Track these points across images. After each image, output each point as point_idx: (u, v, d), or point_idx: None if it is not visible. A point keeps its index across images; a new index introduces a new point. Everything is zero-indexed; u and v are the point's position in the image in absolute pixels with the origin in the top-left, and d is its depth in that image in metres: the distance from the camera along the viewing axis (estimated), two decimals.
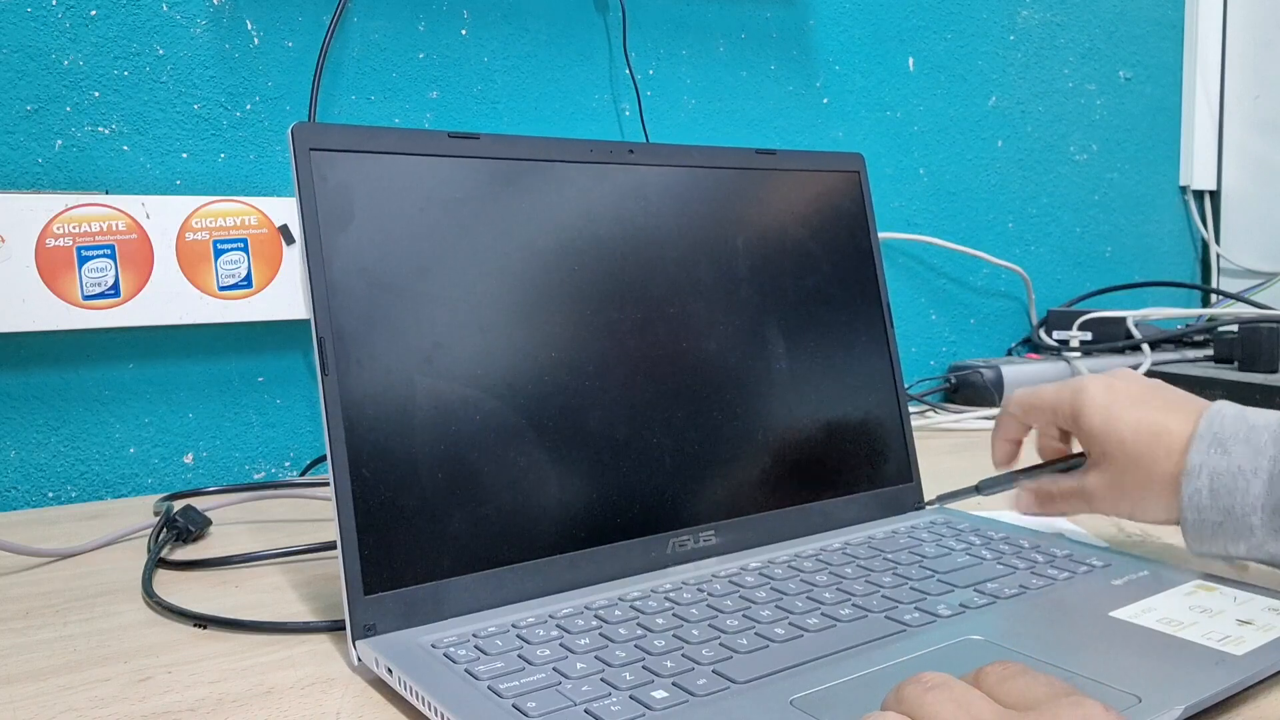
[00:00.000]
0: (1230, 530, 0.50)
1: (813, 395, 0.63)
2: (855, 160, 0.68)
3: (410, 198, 0.51)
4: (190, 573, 0.62)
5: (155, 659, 0.48)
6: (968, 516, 0.64)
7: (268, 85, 0.90)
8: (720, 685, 0.40)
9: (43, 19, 0.81)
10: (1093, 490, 0.56)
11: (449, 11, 0.98)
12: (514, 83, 1.01)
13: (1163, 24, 1.52)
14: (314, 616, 0.53)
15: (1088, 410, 0.55)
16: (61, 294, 0.81)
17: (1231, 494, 0.50)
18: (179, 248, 0.84)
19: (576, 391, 0.54)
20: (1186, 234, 1.58)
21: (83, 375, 0.84)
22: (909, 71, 1.28)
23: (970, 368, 1.18)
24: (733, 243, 0.61)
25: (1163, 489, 0.52)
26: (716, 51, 1.13)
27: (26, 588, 0.60)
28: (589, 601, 0.49)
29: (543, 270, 0.54)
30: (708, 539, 0.56)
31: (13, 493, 0.83)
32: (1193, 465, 0.51)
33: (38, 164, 0.82)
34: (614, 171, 0.57)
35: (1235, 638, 0.44)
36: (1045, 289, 1.42)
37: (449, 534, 0.48)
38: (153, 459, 0.87)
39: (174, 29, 0.86)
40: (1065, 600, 0.49)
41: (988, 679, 0.32)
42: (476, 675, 0.41)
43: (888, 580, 0.52)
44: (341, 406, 0.47)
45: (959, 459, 0.91)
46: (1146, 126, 1.52)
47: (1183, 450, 0.52)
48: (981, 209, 1.36)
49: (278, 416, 0.92)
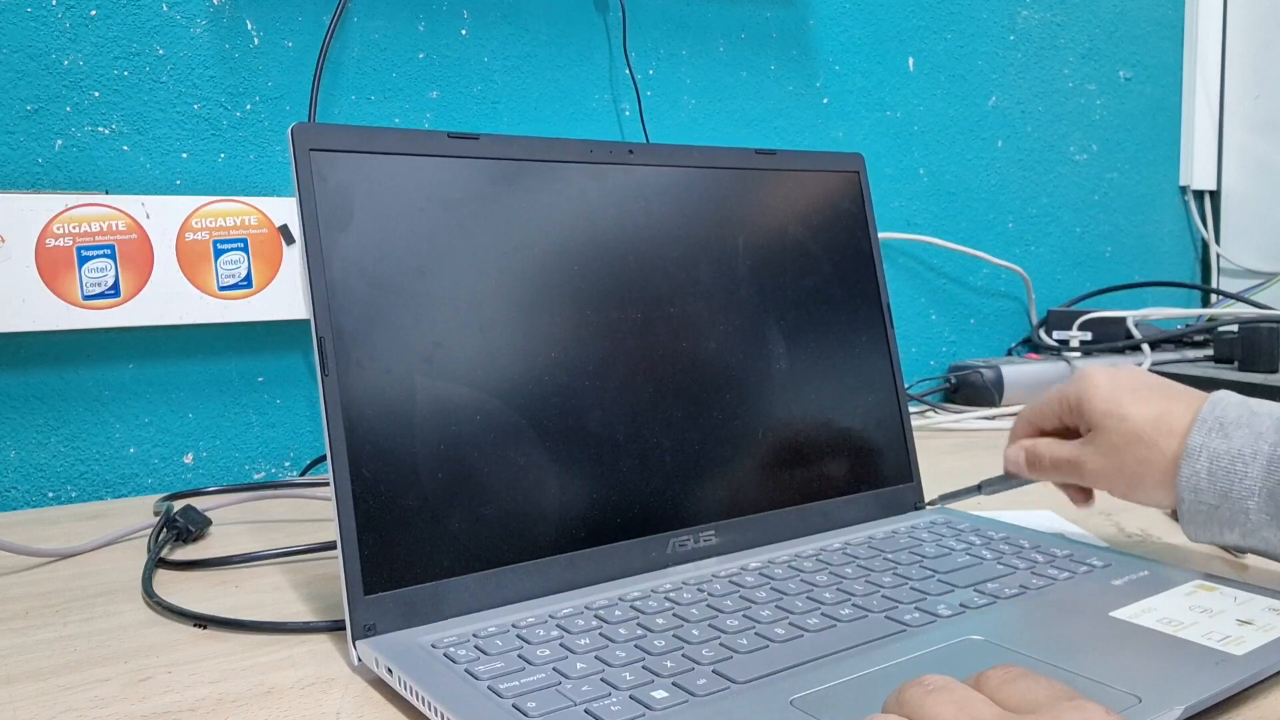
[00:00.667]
0: (1226, 514, 0.50)
1: (813, 395, 0.63)
2: (855, 160, 0.68)
3: (410, 198, 0.51)
4: (190, 573, 0.62)
5: (155, 659, 0.48)
6: (968, 516, 0.64)
7: (268, 85, 0.90)
8: (720, 685, 0.40)
9: (43, 19, 0.81)
10: (1087, 460, 0.55)
11: (449, 11, 0.97)
12: (514, 83, 1.01)
13: (1163, 24, 1.52)
14: (314, 616, 0.53)
15: (1091, 393, 0.55)
16: (61, 294, 0.81)
17: (1229, 477, 0.50)
18: (179, 248, 0.84)
19: (576, 391, 0.54)
20: (1186, 234, 1.58)
21: (83, 375, 0.84)
22: (909, 71, 1.28)
23: (970, 368, 1.18)
24: (733, 243, 0.61)
25: (1161, 471, 0.52)
26: (716, 51, 1.13)
27: (26, 588, 0.60)
28: (589, 601, 0.49)
29: (543, 270, 0.54)
30: (708, 539, 0.56)
31: (13, 493, 0.83)
32: (1193, 447, 0.51)
33: (38, 164, 0.82)
34: (614, 172, 0.57)
35: (1235, 638, 0.44)
36: (1045, 289, 1.42)
37: (449, 534, 0.48)
38: (153, 459, 0.87)
39: (174, 29, 0.86)
40: (1065, 600, 0.49)
41: (989, 682, 0.32)
42: (476, 675, 0.41)
43: (888, 580, 0.52)
44: (341, 406, 0.47)
45: (959, 459, 0.91)
46: (1146, 126, 1.52)
47: (1184, 433, 0.52)
48: (981, 209, 1.36)
49: (278, 416, 0.92)
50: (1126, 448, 0.53)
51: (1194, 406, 0.53)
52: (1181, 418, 0.52)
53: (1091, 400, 0.55)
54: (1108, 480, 0.55)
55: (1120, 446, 0.54)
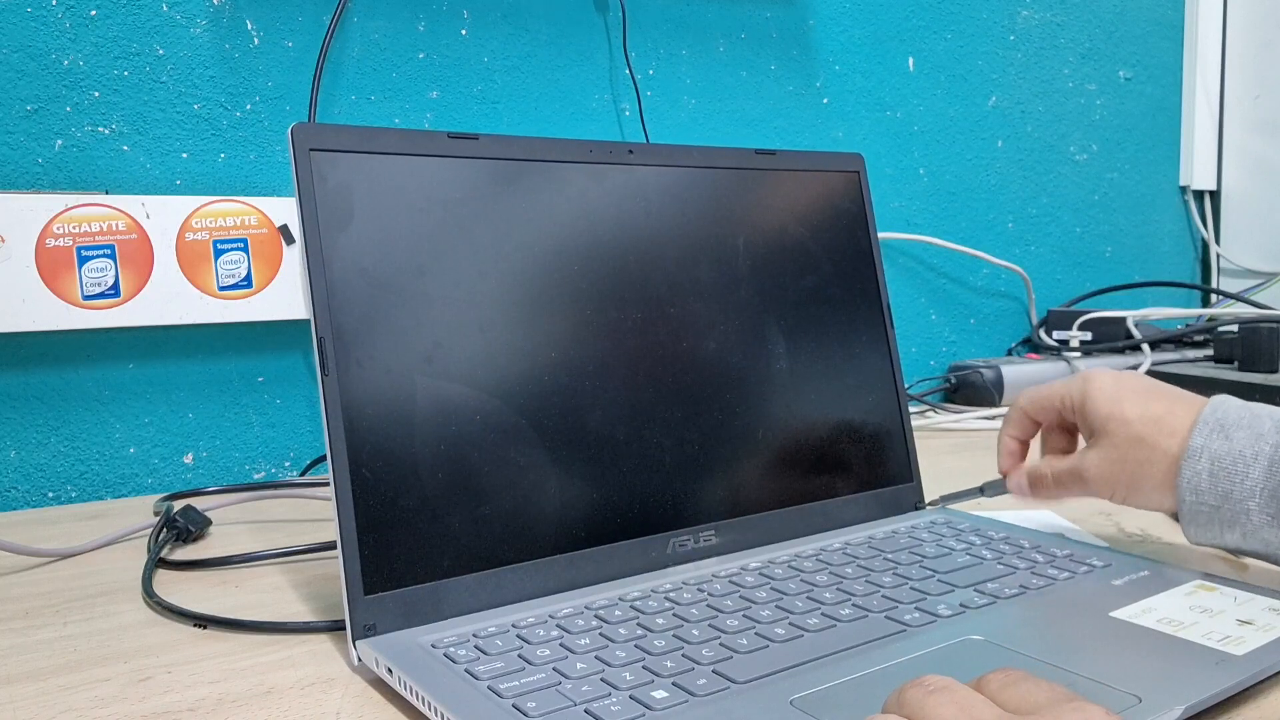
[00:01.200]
0: (1227, 515, 0.50)
1: (813, 395, 0.63)
2: (855, 160, 0.68)
3: (410, 198, 0.51)
4: (190, 573, 0.62)
5: (155, 659, 0.48)
6: (968, 516, 0.64)
7: (268, 85, 0.90)
8: (720, 685, 0.40)
9: (43, 19, 0.81)
10: (1089, 468, 0.55)
11: (449, 11, 0.97)
12: (514, 83, 1.01)
13: (1163, 24, 1.52)
14: (314, 616, 0.53)
15: (1095, 395, 0.55)
16: (61, 294, 0.81)
17: (1231, 478, 0.50)
18: (179, 248, 0.84)
19: (576, 391, 0.54)
20: (1186, 234, 1.58)
21: (83, 375, 0.84)
22: (909, 71, 1.28)
23: (970, 368, 1.18)
24: (733, 243, 0.61)
25: (1162, 472, 0.53)
26: (716, 51, 1.13)
27: (26, 588, 0.60)
28: (589, 601, 0.49)
29: (543, 270, 0.54)
30: (708, 539, 0.56)
31: (13, 493, 0.83)
32: (1194, 447, 0.51)
33: (38, 164, 0.82)
34: (614, 172, 0.57)
35: (1235, 638, 0.44)
36: (1045, 289, 1.42)
37: (449, 534, 0.48)
38: (153, 459, 0.87)
39: (174, 29, 0.86)
40: (1065, 600, 0.49)
41: (990, 685, 0.32)
42: (476, 675, 0.41)
43: (888, 580, 0.52)
44: (341, 406, 0.47)
45: (959, 459, 0.91)
46: (1146, 126, 1.52)
47: (1185, 434, 0.52)
48: (981, 209, 1.36)
49: (278, 416, 0.92)
50: (1128, 450, 0.53)
51: (1195, 409, 0.53)
52: (1183, 419, 0.53)
53: (1095, 402, 0.55)
54: (1109, 485, 0.55)
55: (1122, 449, 0.54)
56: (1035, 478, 0.59)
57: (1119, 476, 0.54)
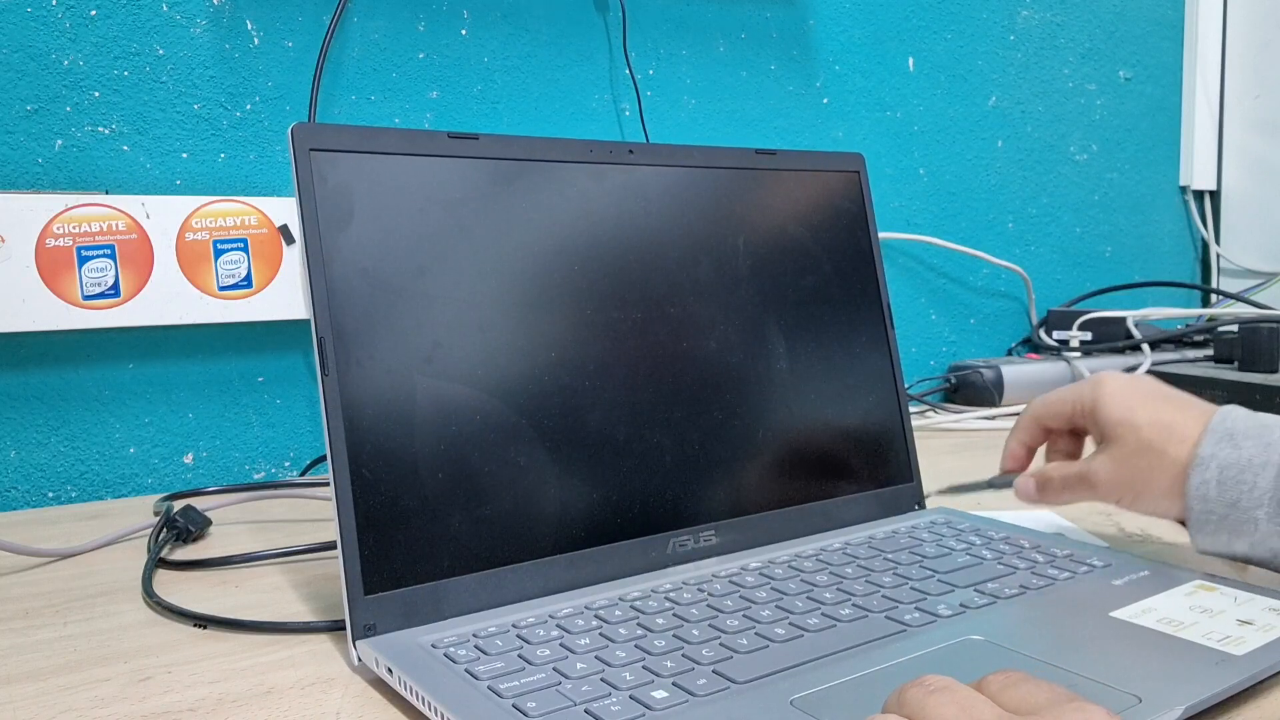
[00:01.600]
0: (1235, 523, 0.50)
1: (813, 395, 0.63)
2: (855, 160, 0.68)
3: (410, 198, 0.51)
4: (190, 573, 0.62)
5: (155, 659, 0.48)
6: (968, 516, 0.64)
7: (268, 85, 0.90)
8: (720, 685, 0.40)
9: (43, 19, 0.81)
10: (1098, 471, 0.55)
11: (449, 11, 0.97)
12: (514, 83, 1.01)
13: (1163, 24, 1.52)
14: (314, 616, 0.53)
15: (1107, 400, 0.56)
16: (61, 294, 0.81)
17: (1239, 486, 0.50)
18: (179, 248, 0.84)
19: (576, 391, 0.54)
20: (1186, 234, 1.58)
21: (82, 375, 0.84)
22: (909, 71, 1.28)
23: (970, 368, 1.18)
24: (733, 243, 0.61)
25: (1170, 479, 0.53)
26: (716, 51, 1.13)
27: (26, 588, 0.60)
28: (589, 601, 0.49)
29: (543, 270, 0.54)
30: (708, 539, 0.56)
31: (13, 493, 0.83)
32: (1204, 456, 0.51)
33: (38, 164, 0.82)
34: (614, 171, 0.57)
35: (1235, 638, 0.44)
36: (1045, 289, 1.42)
37: (449, 534, 0.48)
38: (153, 459, 0.87)
39: (174, 29, 0.86)
40: (1066, 600, 0.49)
41: (990, 686, 0.32)
42: (477, 675, 0.41)
43: (888, 580, 0.52)
44: (341, 406, 0.47)
45: (959, 459, 0.91)
46: (1146, 126, 1.52)
47: (1194, 442, 0.52)
48: (981, 209, 1.36)
49: (278, 416, 0.92)
50: (1138, 456, 0.54)
51: (1204, 417, 0.53)
52: (1192, 427, 0.53)
53: (1107, 408, 0.55)
54: (1117, 490, 0.55)
55: (1131, 455, 0.54)
56: (1043, 482, 0.59)
57: (1127, 482, 0.54)
